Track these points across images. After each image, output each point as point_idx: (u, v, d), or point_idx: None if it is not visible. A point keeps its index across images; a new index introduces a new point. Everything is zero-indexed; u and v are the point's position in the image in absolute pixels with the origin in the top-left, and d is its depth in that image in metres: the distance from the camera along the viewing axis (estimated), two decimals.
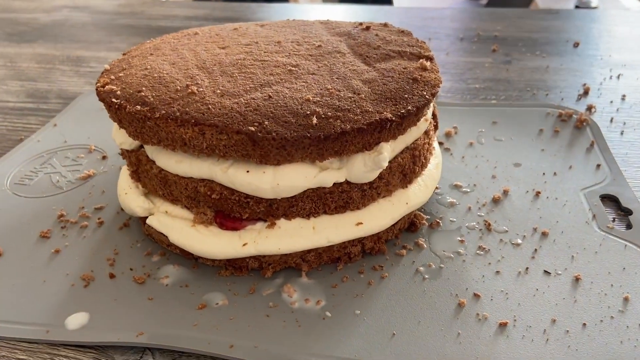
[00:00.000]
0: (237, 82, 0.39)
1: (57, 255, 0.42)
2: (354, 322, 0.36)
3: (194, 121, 0.35)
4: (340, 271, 0.40)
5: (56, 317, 0.37)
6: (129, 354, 0.34)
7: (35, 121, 0.64)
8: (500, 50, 0.83)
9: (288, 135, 0.35)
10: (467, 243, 0.42)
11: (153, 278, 0.40)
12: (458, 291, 0.38)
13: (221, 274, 0.40)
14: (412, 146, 0.42)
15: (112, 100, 0.38)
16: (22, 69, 0.79)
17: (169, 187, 0.40)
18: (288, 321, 0.36)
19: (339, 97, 0.38)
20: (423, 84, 0.41)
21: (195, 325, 0.36)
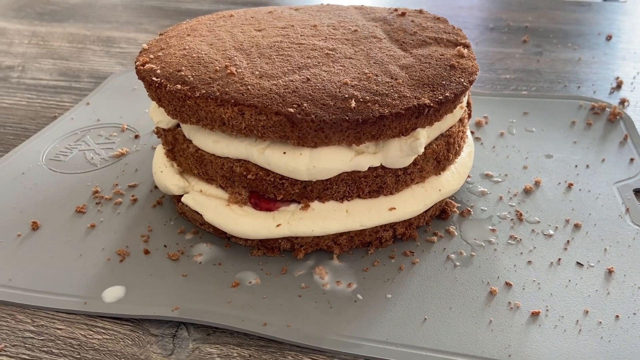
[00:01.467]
0: (275, 64, 0.40)
1: (93, 230, 0.43)
2: (385, 306, 0.36)
3: (233, 101, 0.36)
4: (372, 255, 0.41)
5: (93, 290, 0.37)
6: (164, 328, 0.35)
7: (68, 99, 0.65)
8: (531, 41, 0.82)
9: (327, 118, 0.35)
10: (499, 232, 0.42)
11: (187, 255, 0.40)
12: (489, 279, 0.38)
13: (253, 253, 0.41)
14: (446, 133, 0.42)
15: (152, 78, 0.39)
16: (54, 47, 0.80)
17: (204, 166, 0.40)
18: (320, 302, 0.37)
19: (377, 82, 0.38)
20: (460, 71, 0.40)
21: (229, 303, 0.36)
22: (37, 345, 0.34)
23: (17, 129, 0.58)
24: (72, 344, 0.34)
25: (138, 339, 0.34)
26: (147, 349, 0.34)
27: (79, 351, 0.34)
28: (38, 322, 0.36)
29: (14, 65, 0.74)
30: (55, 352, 0.34)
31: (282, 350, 0.34)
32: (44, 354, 0.33)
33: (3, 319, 0.36)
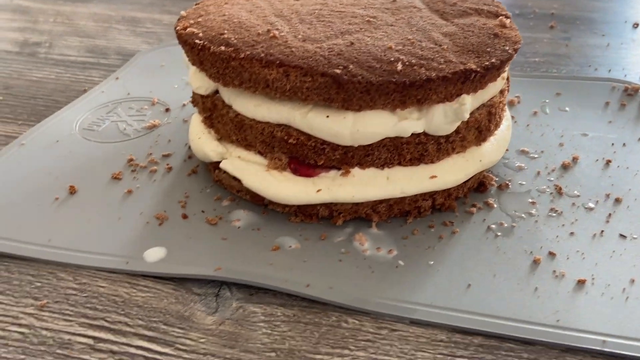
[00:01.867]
0: (317, 29, 0.39)
1: (130, 196, 0.43)
2: (427, 272, 0.36)
3: (278, 62, 0.36)
4: (410, 224, 0.40)
5: (134, 250, 0.37)
6: (207, 287, 0.35)
7: (97, 74, 0.65)
8: (558, 27, 0.81)
9: (373, 80, 0.35)
10: (539, 205, 0.42)
11: (225, 220, 0.40)
12: (532, 249, 0.38)
13: (291, 220, 0.40)
14: (488, 103, 0.41)
15: (194, 41, 0.39)
16: (79, 26, 0.80)
17: (244, 132, 0.40)
18: (361, 267, 0.36)
19: (421, 47, 0.38)
20: (504, 40, 0.40)
21: (271, 265, 0.36)
22: (81, 302, 0.34)
23: (47, 101, 0.58)
24: (115, 300, 0.34)
25: (181, 297, 0.34)
26: (191, 306, 0.34)
27: (123, 307, 0.33)
28: (80, 280, 0.35)
29: (40, 42, 0.74)
30: (99, 308, 0.33)
31: (326, 311, 0.34)
32: (88, 310, 0.33)
33: (44, 277, 0.36)
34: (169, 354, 0.31)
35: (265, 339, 0.32)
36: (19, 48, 0.72)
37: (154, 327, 0.32)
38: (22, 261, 0.37)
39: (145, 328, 0.32)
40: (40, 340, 0.31)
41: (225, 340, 0.32)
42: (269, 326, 0.33)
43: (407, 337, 0.32)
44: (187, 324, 0.33)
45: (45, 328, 0.32)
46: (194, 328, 0.32)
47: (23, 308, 0.33)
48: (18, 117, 0.55)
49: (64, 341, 0.31)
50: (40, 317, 0.33)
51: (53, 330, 0.32)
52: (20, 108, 0.57)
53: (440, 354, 0.31)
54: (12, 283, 0.35)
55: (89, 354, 0.31)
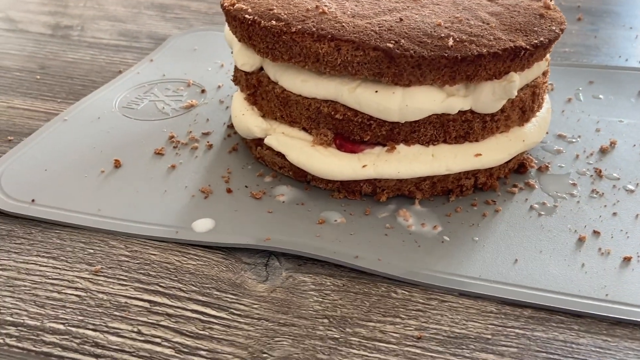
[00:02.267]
0: (364, 6, 0.40)
1: (174, 170, 0.43)
2: (473, 247, 0.36)
3: (330, 36, 0.36)
4: (453, 203, 0.40)
5: (183, 221, 0.38)
6: (256, 257, 0.35)
7: (131, 57, 0.65)
8: (585, 20, 0.81)
9: (425, 54, 0.35)
10: (580, 187, 0.42)
11: (269, 195, 0.41)
12: (576, 227, 0.38)
13: (334, 196, 0.41)
14: (532, 83, 0.42)
15: (244, 16, 0.39)
16: (109, 11, 0.81)
17: (289, 108, 0.41)
18: (407, 241, 0.37)
19: (470, 25, 0.38)
20: (550, 20, 0.40)
21: (318, 237, 0.36)
22: (134, 268, 0.34)
23: (84, 81, 0.59)
24: (168, 267, 0.34)
25: (231, 266, 0.35)
26: (242, 275, 0.34)
27: (176, 274, 0.34)
28: (131, 247, 0.36)
29: (72, 25, 0.75)
30: (152, 274, 0.34)
31: (374, 281, 0.34)
32: (142, 275, 0.34)
33: (96, 245, 0.36)
34: (224, 318, 0.31)
35: (317, 306, 0.32)
36: (52, 30, 0.73)
37: (207, 292, 0.33)
38: (73, 229, 0.37)
39: (199, 293, 0.33)
40: (98, 303, 0.32)
41: (277, 306, 0.32)
42: (319, 294, 0.33)
43: (457, 308, 0.32)
44: (239, 291, 0.33)
45: (101, 291, 0.33)
46: (246, 294, 0.33)
47: (78, 273, 0.34)
48: (57, 96, 0.56)
49: (120, 304, 0.32)
50: (95, 281, 0.33)
51: (109, 293, 0.33)
52: (58, 87, 0.57)
53: (492, 324, 0.31)
54: (65, 249, 0.36)
55: (146, 316, 0.31)
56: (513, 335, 0.31)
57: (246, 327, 0.31)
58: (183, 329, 0.30)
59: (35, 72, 0.61)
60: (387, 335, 0.31)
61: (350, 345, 0.30)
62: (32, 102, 0.54)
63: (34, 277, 0.34)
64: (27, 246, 0.36)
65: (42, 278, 0.34)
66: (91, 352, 0.29)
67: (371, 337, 0.30)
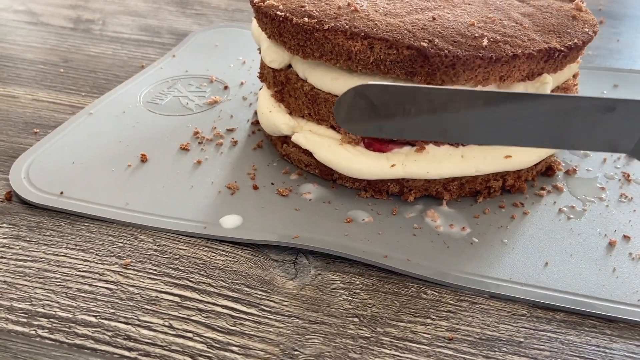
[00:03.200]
0: (396, 5, 0.39)
1: (200, 166, 0.43)
2: (503, 250, 0.36)
3: (363, 34, 0.36)
4: (480, 204, 0.40)
5: (211, 217, 0.38)
6: (284, 254, 0.35)
7: (152, 52, 0.65)
8: (607, 23, 0.80)
9: (460, 54, 0.35)
10: (608, 190, 0.42)
11: (295, 193, 0.41)
12: (606, 232, 0.38)
13: (361, 195, 0.41)
14: (563, 86, 0.41)
15: (276, 13, 0.39)
16: (130, 6, 0.81)
17: (317, 105, 0.40)
18: (435, 242, 0.37)
19: (503, 25, 0.38)
20: (582, 22, 0.40)
21: (346, 236, 0.36)
22: (163, 262, 0.34)
23: (107, 75, 0.59)
24: (197, 262, 0.34)
25: (260, 263, 0.35)
26: (271, 271, 0.34)
27: (205, 269, 0.34)
28: (160, 242, 0.36)
29: (94, 19, 0.75)
30: (181, 269, 0.34)
31: (404, 282, 0.34)
32: (171, 270, 0.34)
33: (125, 238, 0.36)
34: (255, 314, 0.31)
35: (346, 305, 0.32)
36: (73, 24, 0.73)
37: (237, 288, 0.33)
38: (102, 222, 0.38)
39: (229, 289, 0.33)
40: (128, 296, 0.32)
41: (307, 304, 0.32)
42: (349, 293, 0.33)
43: (488, 310, 0.32)
44: (269, 287, 0.33)
45: (131, 285, 0.33)
46: (276, 291, 0.33)
47: (108, 266, 0.34)
48: (81, 89, 0.56)
49: (151, 298, 0.32)
50: (125, 274, 0.33)
51: (139, 287, 0.33)
52: (81, 80, 0.58)
53: (523, 327, 0.31)
54: (95, 242, 0.36)
55: (177, 311, 0.31)
56: (545, 338, 0.30)
57: (277, 324, 0.31)
58: (214, 324, 0.30)
59: (59, 66, 0.61)
60: (418, 335, 0.30)
61: (382, 345, 0.30)
62: (56, 95, 0.54)
63: (65, 269, 0.34)
64: (57, 238, 0.36)
65: (73, 270, 0.34)
66: (124, 345, 0.29)
67: (402, 337, 0.30)
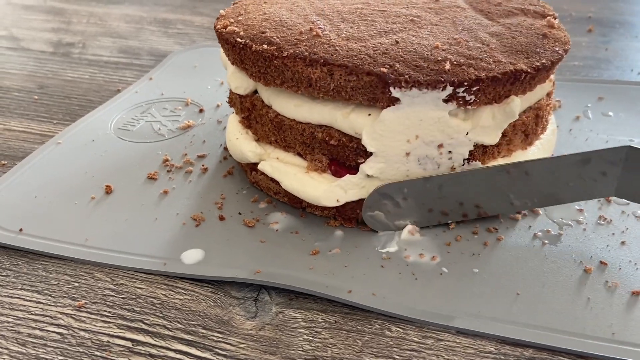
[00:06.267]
0: (360, 28, 0.38)
1: (166, 196, 0.42)
2: (473, 280, 0.35)
3: (322, 61, 0.35)
4: (453, 230, 0.39)
5: (172, 252, 0.37)
6: (246, 291, 0.34)
7: (130, 75, 0.65)
8: (597, 31, 0.79)
9: (421, 79, 0.33)
10: (587, 213, 0.40)
11: (262, 223, 0.40)
12: (582, 258, 0.36)
13: (330, 224, 0.39)
14: (535, 106, 0.40)
15: (236, 39, 0.38)
16: (112, 27, 0.80)
17: (283, 132, 0.39)
18: (404, 273, 0.35)
19: (469, 47, 0.36)
20: (553, 40, 0.39)
21: (311, 269, 0.35)
22: (118, 303, 0.33)
23: (82, 101, 0.58)
24: (153, 302, 0.33)
25: (220, 301, 0.33)
26: (230, 310, 0.33)
27: (161, 310, 0.33)
28: (117, 281, 0.35)
29: (74, 42, 0.74)
30: (137, 310, 0.33)
31: (368, 318, 0.32)
32: (126, 311, 0.33)
33: (82, 277, 0.35)
34: (209, 359, 0.30)
35: (306, 346, 0.31)
36: (54, 48, 0.72)
37: (192, 330, 0.32)
38: (60, 261, 0.36)
39: (184, 332, 0.31)
40: (79, 342, 0.31)
41: (265, 346, 0.31)
42: (310, 332, 0.32)
43: (453, 348, 0.31)
44: (227, 328, 0.32)
45: (83, 329, 0.32)
46: (234, 333, 0.31)
47: (61, 308, 0.33)
48: (53, 117, 0.55)
49: (102, 343, 0.31)
50: (78, 317, 0.32)
51: (91, 331, 0.31)
52: (55, 107, 0.57)
53: None
54: (50, 282, 0.35)
55: (128, 357, 0.30)
56: None
57: None
58: None
59: (34, 92, 0.60)
60: None
61: None
62: (28, 124, 0.54)
63: (18, 312, 0.33)
64: (13, 279, 0.35)
65: (26, 314, 0.33)
66: None
67: None
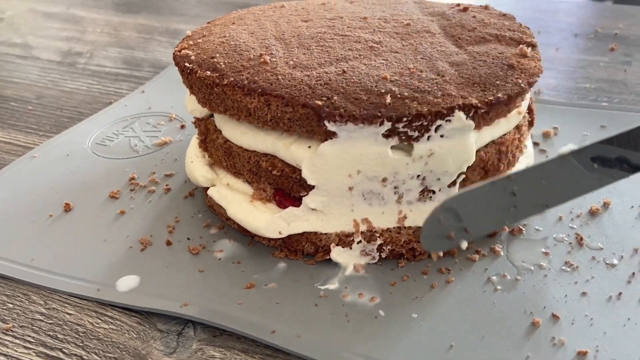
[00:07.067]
0: (313, 55, 0.37)
1: (122, 217, 0.42)
2: (408, 326, 0.33)
3: (260, 90, 0.34)
4: (402, 269, 0.37)
5: (109, 277, 0.36)
6: (172, 324, 0.34)
7: (126, 87, 0.65)
8: (620, 50, 0.74)
9: (356, 113, 0.32)
10: (552, 256, 0.37)
11: (207, 250, 0.39)
12: (534, 309, 0.34)
13: (275, 255, 0.38)
14: (499, 140, 0.37)
15: (184, 64, 0.38)
16: (123, 37, 0.82)
17: (232, 159, 0.39)
18: (337, 314, 0.34)
19: (420, 78, 0.34)
20: (520, 72, 0.36)
21: (240, 304, 0.34)
22: (44, 329, 0.33)
23: (72, 113, 0.59)
24: (77, 330, 0.33)
25: (143, 333, 0.33)
26: (150, 344, 0.32)
27: (83, 339, 0.33)
28: (50, 304, 0.35)
29: (83, 52, 0.76)
30: (59, 338, 0.33)
31: None
32: (49, 338, 0.33)
33: (18, 299, 0.36)
34: None
35: None
36: (61, 57, 0.74)
37: None
38: (2, 280, 0.37)
39: None
40: None
41: None
42: None
43: None
44: None
45: (3, 354, 0.32)
46: None
47: None
48: (41, 128, 0.56)
49: None
50: (2, 341, 0.33)
51: (11, 357, 0.32)
52: (45, 119, 0.58)
53: None
54: None
55: None
56: None
57: None
58: None
59: (30, 102, 0.62)
60: None
61: None
62: (15, 135, 0.55)
63: None
64: None
65: None
66: None
67: None
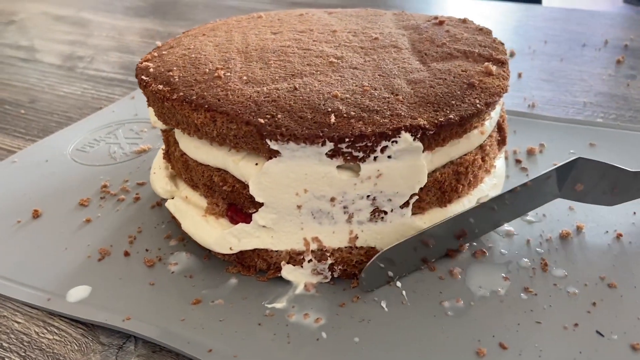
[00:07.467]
0: (270, 69, 0.37)
1: (87, 225, 0.43)
2: (348, 350, 0.32)
3: (207, 106, 0.33)
4: (354, 289, 0.36)
5: (61, 287, 0.37)
6: (114, 337, 0.34)
7: (119, 92, 0.66)
8: (626, 63, 0.71)
9: (298, 132, 0.31)
10: (512, 282, 0.36)
11: (163, 263, 0.39)
12: (482, 337, 0.32)
13: (229, 270, 0.38)
14: (457, 161, 0.36)
15: (141, 77, 0.38)
16: (125, 41, 0.83)
17: (189, 172, 0.39)
18: (278, 335, 0.33)
19: (371, 97, 0.34)
20: (479, 91, 0.35)
21: (182, 321, 0.34)
22: None
23: (62, 117, 0.60)
24: (22, 340, 0.34)
25: (85, 346, 0.33)
26: (90, 357, 0.32)
27: (26, 349, 0.33)
28: (2, 312, 0.36)
29: (84, 56, 0.78)
30: (4, 346, 0.33)
31: None
32: None
33: None
34: None
35: None
36: (62, 61, 0.76)
37: None
38: None
39: None
40: None
41: None
42: None
43: None
44: None
45: None
46: None
47: None
48: (29, 133, 0.57)
49: None
50: None
51: None
52: (34, 123, 0.59)
53: None
54: None
55: None
56: None
57: None
58: None
59: (23, 106, 0.63)
60: None
61: None
62: (1, 139, 0.56)
63: None
64: None
65: None
66: None
67: None
